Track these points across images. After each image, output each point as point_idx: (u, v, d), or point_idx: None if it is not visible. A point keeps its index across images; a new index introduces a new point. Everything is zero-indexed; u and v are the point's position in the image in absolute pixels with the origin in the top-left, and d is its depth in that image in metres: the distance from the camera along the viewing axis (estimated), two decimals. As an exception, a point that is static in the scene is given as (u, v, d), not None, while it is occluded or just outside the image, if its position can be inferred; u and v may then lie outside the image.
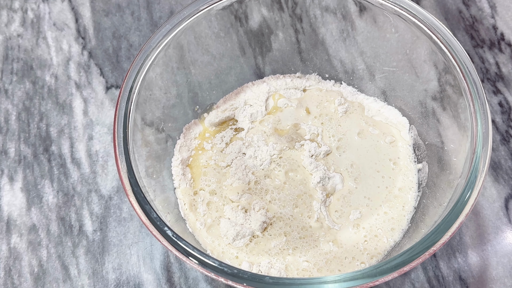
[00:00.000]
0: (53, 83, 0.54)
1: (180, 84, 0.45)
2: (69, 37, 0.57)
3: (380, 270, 0.29)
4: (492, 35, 0.55)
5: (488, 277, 0.42)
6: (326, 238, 0.40)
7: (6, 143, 0.51)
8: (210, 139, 0.46)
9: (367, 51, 0.47)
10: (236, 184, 0.42)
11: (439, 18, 0.54)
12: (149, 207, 0.32)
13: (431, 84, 0.41)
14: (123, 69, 0.55)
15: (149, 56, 0.39)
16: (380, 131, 0.45)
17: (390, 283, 0.43)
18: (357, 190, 0.42)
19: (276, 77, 0.50)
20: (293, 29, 0.49)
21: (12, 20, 0.59)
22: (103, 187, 0.48)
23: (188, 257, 0.30)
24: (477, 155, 0.33)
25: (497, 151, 0.48)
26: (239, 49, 0.49)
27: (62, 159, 0.50)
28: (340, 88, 0.49)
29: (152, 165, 0.40)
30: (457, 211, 0.31)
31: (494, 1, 0.57)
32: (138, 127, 0.38)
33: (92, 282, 0.44)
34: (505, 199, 0.46)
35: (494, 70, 0.53)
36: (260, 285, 0.29)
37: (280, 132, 0.46)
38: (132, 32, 0.57)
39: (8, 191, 0.48)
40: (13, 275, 0.44)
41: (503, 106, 0.51)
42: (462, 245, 0.44)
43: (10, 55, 0.56)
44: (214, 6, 0.42)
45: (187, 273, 0.44)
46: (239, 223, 0.40)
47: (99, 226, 0.46)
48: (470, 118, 0.35)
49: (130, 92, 0.37)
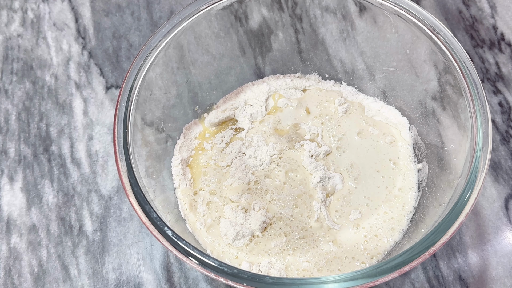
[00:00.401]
0: (53, 83, 0.54)
1: (180, 84, 0.45)
2: (69, 37, 0.57)
3: (380, 270, 0.29)
4: (492, 35, 0.55)
5: (488, 277, 0.42)
6: (326, 238, 0.40)
7: (6, 143, 0.51)
8: (210, 139, 0.46)
9: (367, 51, 0.47)
10: (236, 184, 0.42)
11: (439, 18, 0.54)
12: (149, 207, 0.32)
13: (431, 84, 0.41)
14: (123, 69, 0.55)
15: (149, 56, 0.39)
16: (380, 131, 0.45)
17: (390, 283, 0.43)
18: (357, 190, 0.42)
19: (276, 77, 0.50)
20: (293, 29, 0.49)
21: (12, 20, 0.59)
22: (103, 187, 0.48)
23: (188, 257, 0.30)
24: (477, 155, 0.33)
25: (497, 151, 0.48)
26: (239, 49, 0.49)
27: (62, 159, 0.50)
28: (340, 88, 0.49)
29: (152, 165, 0.40)
30: (457, 211, 0.31)
31: (494, 1, 0.57)
32: (138, 127, 0.38)
33: (92, 282, 0.44)
34: (505, 199, 0.46)
35: (494, 70, 0.53)
36: (260, 285, 0.29)
37: (280, 132, 0.46)
38: (132, 32, 0.57)
39: (8, 191, 0.48)
40: (13, 275, 0.44)
41: (503, 106, 0.51)
42: (462, 245, 0.44)
43: (10, 55, 0.57)
44: (214, 6, 0.42)
45: (187, 273, 0.44)
46: (239, 223, 0.40)
47: (99, 226, 0.46)
48: (470, 118, 0.35)
49: (130, 92, 0.37)
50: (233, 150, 0.44)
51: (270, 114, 0.47)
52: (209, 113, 0.48)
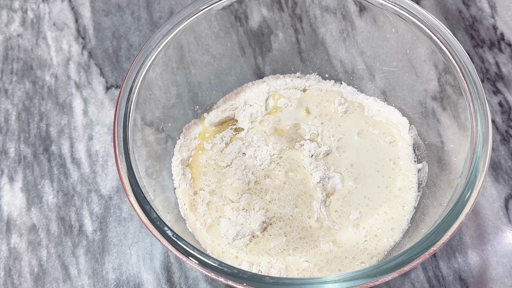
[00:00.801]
0: (53, 83, 0.54)
1: (180, 84, 0.45)
2: (69, 37, 0.57)
3: (380, 270, 0.29)
4: (492, 35, 0.55)
5: (488, 277, 0.42)
6: (326, 238, 0.40)
7: (6, 143, 0.51)
8: (210, 139, 0.46)
9: (367, 51, 0.47)
10: (236, 184, 0.42)
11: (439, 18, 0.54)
12: (149, 207, 0.32)
13: (431, 84, 0.41)
14: (123, 69, 0.55)
15: (149, 56, 0.39)
16: (380, 131, 0.45)
17: (390, 283, 0.43)
18: (357, 190, 0.42)
19: (276, 77, 0.50)
20: (293, 29, 0.49)
21: (12, 20, 0.59)
22: (103, 187, 0.48)
23: (188, 257, 0.30)
24: (477, 155, 0.33)
25: (497, 151, 0.48)
26: (239, 49, 0.49)
27: (62, 159, 0.50)
28: (340, 88, 0.49)
29: (152, 165, 0.40)
30: (457, 211, 0.31)
31: (494, 1, 0.57)
32: (138, 127, 0.38)
33: (92, 282, 0.44)
34: (505, 199, 0.46)
35: (494, 70, 0.53)
36: (260, 285, 0.29)
37: (280, 132, 0.46)
38: (132, 32, 0.57)
39: (8, 191, 0.48)
40: (13, 275, 0.44)
41: (503, 106, 0.51)
42: (462, 245, 0.44)
43: (10, 55, 0.57)
44: (214, 6, 0.42)
45: (187, 273, 0.44)
46: (239, 223, 0.40)
47: (99, 226, 0.46)
48: (470, 118, 0.35)
49: (130, 92, 0.37)
50: (233, 150, 0.44)
51: (270, 114, 0.47)
52: (209, 113, 0.48)
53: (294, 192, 0.42)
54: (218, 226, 0.41)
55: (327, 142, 0.45)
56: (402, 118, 0.46)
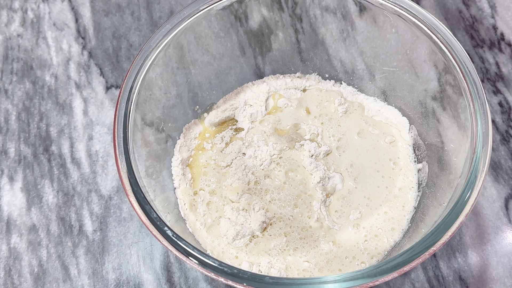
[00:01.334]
0: (53, 83, 0.54)
1: (180, 84, 0.45)
2: (69, 37, 0.57)
3: (380, 270, 0.29)
4: (492, 35, 0.55)
5: (488, 277, 0.42)
6: (326, 238, 0.40)
7: (6, 143, 0.51)
8: (210, 139, 0.46)
9: (367, 51, 0.47)
10: (236, 184, 0.42)
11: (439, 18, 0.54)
12: (149, 207, 0.32)
13: (431, 84, 0.41)
14: (123, 69, 0.55)
15: (149, 56, 0.39)
16: (380, 131, 0.45)
17: (390, 283, 0.43)
18: (357, 190, 0.42)
19: (276, 77, 0.50)
20: (293, 29, 0.49)
21: (12, 20, 0.59)
22: (103, 187, 0.48)
23: (188, 257, 0.30)
24: (477, 155, 0.33)
25: (497, 151, 0.48)
26: (239, 49, 0.49)
27: (62, 159, 0.50)
28: (340, 88, 0.49)
29: (152, 165, 0.40)
30: (457, 211, 0.31)
31: (494, 1, 0.57)
32: (138, 127, 0.38)
33: (92, 282, 0.44)
34: (505, 199, 0.46)
35: (494, 70, 0.53)
36: (260, 285, 0.29)
37: (280, 132, 0.46)
38: (132, 32, 0.57)
39: (8, 191, 0.48)
40: (13, 275, 0.44)
41: (503, 106, 0.51)
42: (462, 245, 0.44)
43: (10, 55, 0.57)
44: (214, 6, 0.42)
45: (187, 273, 0.44)
46: (239, 223, 0.40)
47: (99, 226, 0.46)
48: (470, 118, 0.35)
49: (130, 92, 0.37)
50: (233, 150, 0.44)
51: (270, 114, 0.47)
52: (209, 113, 0.48)
53: (294, 192, 0.42)
54: (218, 226, 0.41)
55: (327, 142, 0.45)
56: (402, 118, 0.46)
